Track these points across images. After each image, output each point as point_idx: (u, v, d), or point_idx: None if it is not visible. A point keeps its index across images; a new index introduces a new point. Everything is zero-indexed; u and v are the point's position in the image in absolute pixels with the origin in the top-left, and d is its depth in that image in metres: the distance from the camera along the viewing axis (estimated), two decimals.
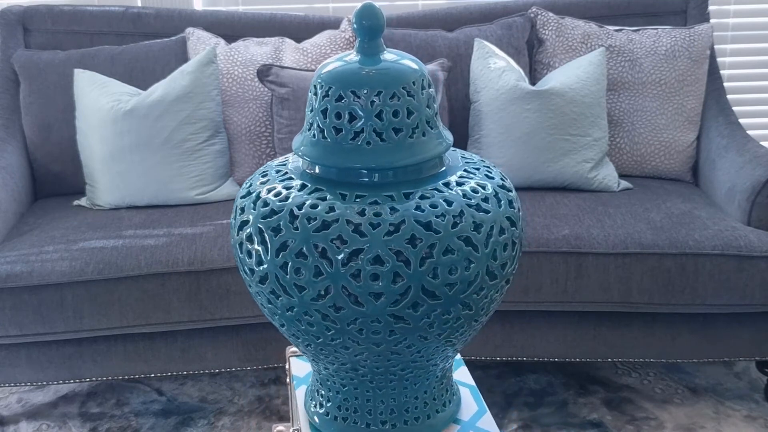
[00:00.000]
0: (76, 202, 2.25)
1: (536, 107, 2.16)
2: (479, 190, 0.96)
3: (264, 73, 2.20)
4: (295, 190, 0.95)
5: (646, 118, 2.32)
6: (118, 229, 2.02)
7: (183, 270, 1.88)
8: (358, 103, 0.93)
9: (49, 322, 1.88)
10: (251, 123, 2.28)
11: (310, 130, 0.97)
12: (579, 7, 2.46)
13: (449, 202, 0.93)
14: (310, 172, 0.99)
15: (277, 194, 0.96)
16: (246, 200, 0.98)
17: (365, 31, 0.96)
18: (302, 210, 0.92)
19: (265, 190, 0.97)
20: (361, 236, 0.89)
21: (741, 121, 2.34)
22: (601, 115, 2.23)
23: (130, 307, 1.88)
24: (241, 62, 2.29)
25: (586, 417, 2.08)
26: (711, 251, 1.89)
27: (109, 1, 2.60)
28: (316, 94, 0.96)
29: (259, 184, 1.00)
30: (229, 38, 2.35)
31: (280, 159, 1.07)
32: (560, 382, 2.23)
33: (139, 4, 2.62)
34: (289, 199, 0.94)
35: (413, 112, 0.94)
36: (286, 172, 1.00)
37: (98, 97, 2.17)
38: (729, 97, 2.42)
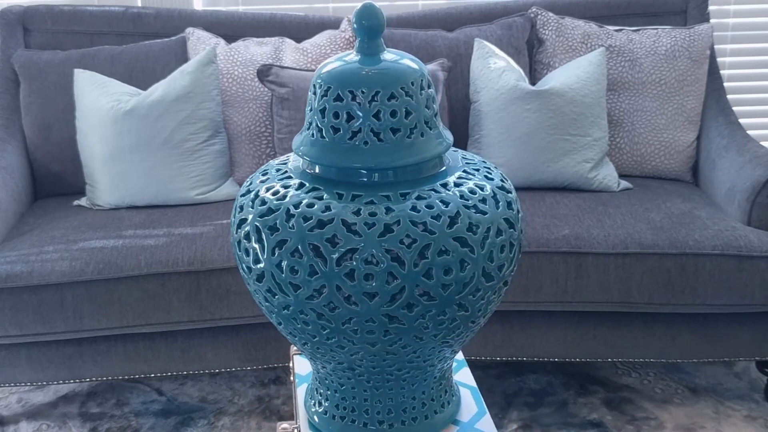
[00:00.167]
0: (76, 202, 2.25)
1: (536, 107, 2.16)
2: (477, 191, 0.95)
3: (264, 73, 2.20)
4: (293, 189, 0.95)
5: (646, 118, 2.32)
6: (118, 229, 2.02)
7: (183, 270, 1.88)
8: (355, 102, 0.93)
9: (49, 322, 1.88)
10: (251, 123, 2.28)
11: (309, 129, 0.97)
12: (579, 7, 2.46)
13: (446, 203, 0.92)
14: (310, 172, 0.98)
15: (275, 193, 0.96)
16: (245, 198, 0.99)
17: (365, 31, 0.96)
18: (298, 209, 0.92)
19: (263, 189, 0.97)
20: (356, 236, 0.89)
21: (741, 121, 2.34)
22: (601, 115, 2.23)
23: (130, 307, 1.89)
24: (241, 62, 2.29)
25: (586, 417, 2.08)
26: (711, 251, 1.89)
27: (109, 1, 2.60)
28: (316, 93, 0.96)
29: (259, 182, 1.00)
30: (229, 38, 2.35)
31: (282, 158, 1.07)
32: (560, 382, 2.23)
33: (139, 4, 2.62)
34: (286, 198, 0.94)
35: (411, 113, 0.94)
36: (286, 171, 1.00)
37: (98, 97, 2.17)
38: (729, 97, 2.42)
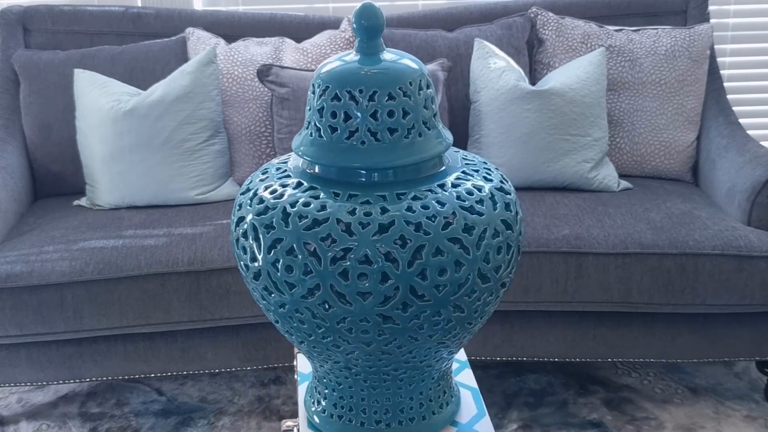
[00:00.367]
0: (76, 202, 2.25)
1: (536, 107, 2.16)
2: (474, 192, 0.95)
3: (264, 73, 2.20)
4: (291, 188, 0.96)
5: (646, 118, 2.32)
6: (118, 229, 2.02)
7: (183, 270, 1.88)
8: (353, 102, 0.93)
9: (49, 322, 1.88)
10: (251, 123, 2.28)
11: (308, 128, 0.97)
12: (579, 7, 2.46)
13: (442, 204, 0.92)
14: (309, 172, 0.99)
15: (273, 192, 0.96)
16: (244, 197, 0.99)
17: (365, 30, 0.96)
18: (294, 208, 0.92)
19: (262, 188, 0.98)
20: (350, 235, 0.89)
21: (741, 121, 2.34)
22: (601, 115, 2.23)
23: (130, 307, 1.89)
24: (241, 62, 2.29)
25: (586, 417, 2.08)
26: (711, 251, 1.89)
27: (109, 1, 2.60)
28: (315, 93, 0.96)
29: (258, 181, 1.00)
30: (229, 38, 2.36)
31: (282, 158, 1.07)
32: (560, 382, 2.23)
33: (139, 4, 2.62)
34: (283, 197, 0.94)
35: (409, 113, 0.94)
36: (285, 170, 1.00)
37: (98, 97, 2.18)
38: (729, 97, 2.42)
